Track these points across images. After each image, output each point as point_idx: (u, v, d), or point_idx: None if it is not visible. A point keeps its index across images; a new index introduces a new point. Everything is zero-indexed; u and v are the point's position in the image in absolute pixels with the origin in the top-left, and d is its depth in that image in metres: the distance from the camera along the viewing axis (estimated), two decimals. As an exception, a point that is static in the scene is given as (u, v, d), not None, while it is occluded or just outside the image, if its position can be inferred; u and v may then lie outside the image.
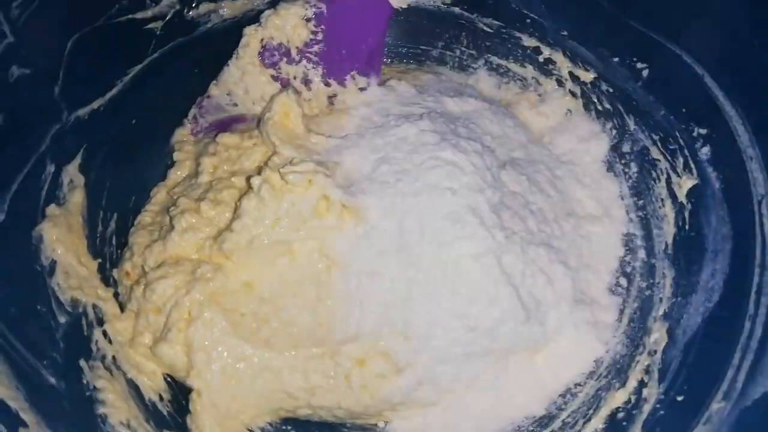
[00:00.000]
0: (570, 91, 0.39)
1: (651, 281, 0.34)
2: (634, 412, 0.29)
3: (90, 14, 0.33)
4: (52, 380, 0.27)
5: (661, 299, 0.33)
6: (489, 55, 0.41)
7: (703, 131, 0.34)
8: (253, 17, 0.39)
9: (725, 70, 0.32)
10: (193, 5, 0.37)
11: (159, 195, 0.36)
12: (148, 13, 0.36)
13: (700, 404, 0.27)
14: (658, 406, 0.29)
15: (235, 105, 0.37)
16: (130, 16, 0.35)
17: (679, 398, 0.28)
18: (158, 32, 0.36)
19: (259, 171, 0.33)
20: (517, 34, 0.40)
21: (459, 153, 0.32)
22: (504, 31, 0.40)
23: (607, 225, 0.36)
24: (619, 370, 0.32)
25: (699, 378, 0.28)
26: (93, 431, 0.27)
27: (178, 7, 0.37)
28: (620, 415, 0.30)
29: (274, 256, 0.32)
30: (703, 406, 0.27)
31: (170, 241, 0.32)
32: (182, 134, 0.38)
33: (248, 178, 0.32)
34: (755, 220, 0.30)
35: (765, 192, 0.30)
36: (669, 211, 0.35)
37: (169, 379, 0.32)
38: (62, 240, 0.31)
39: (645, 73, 0.36)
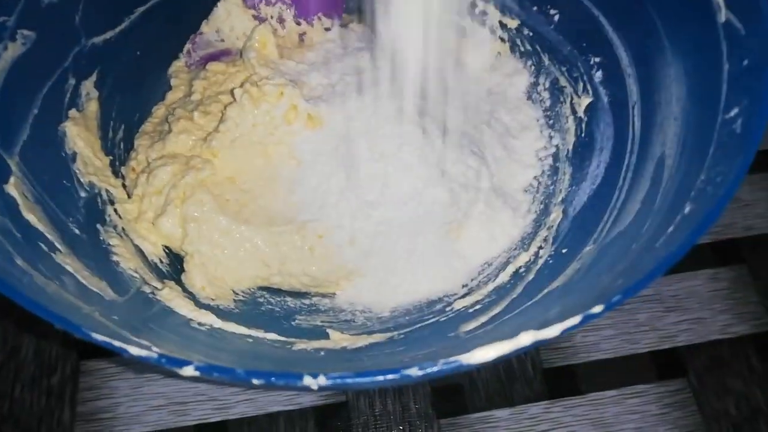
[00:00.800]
0: (500, 37, 0.48)
1: (554, 179, 0.42)
2: (531, 266, 0.37)
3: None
4: (77, 231, 0.34)
5: (561, 190, 0.41)
6: (434, 9, 0.50)
7: (597, 59, 0.42)
8: (237, -29, 0.47)
9: (613, 12, 0.41)
10: (189, -43, 0.45)
11: (159, 111, 0.43)
12: (152, -40, 0.44)
13: (577, 251, 0.35)
14: (548, 258, 0.37)
15: (222, 41, 0.45)
16: (137, -38, 0.43)
17: (564, 250, 0.36)
18: (160, -22, 0.44)
19: (242, 87, 0.41)
20: (456, -10, 0.48)
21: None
22: (445, -12, 0.49)
23: (524, 140, 0.44)
24: (524, 243, 0.40)
25: (579, 235, 0.36)
26: (108, 267, 0.34)
27: (179, -46, 0.45)
28: (521, 270, 0.38)
29: (252, 155, 0.40)
30: (579, 251, 0.35)
31: (168, 141, 0.40)
32: (178, 65, 0.45)
33: (232, 91, 0.40)
34: (629, 120, 0.38)
35: (636, 99, 0.38)
36: (571, 124, 0.43)
37: (166, 251, 0.39)
38: (81, 137, 0.38)
39: (556, 18, 0.44)
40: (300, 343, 0.34)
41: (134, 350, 0.21)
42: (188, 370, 0.21)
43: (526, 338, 0.21)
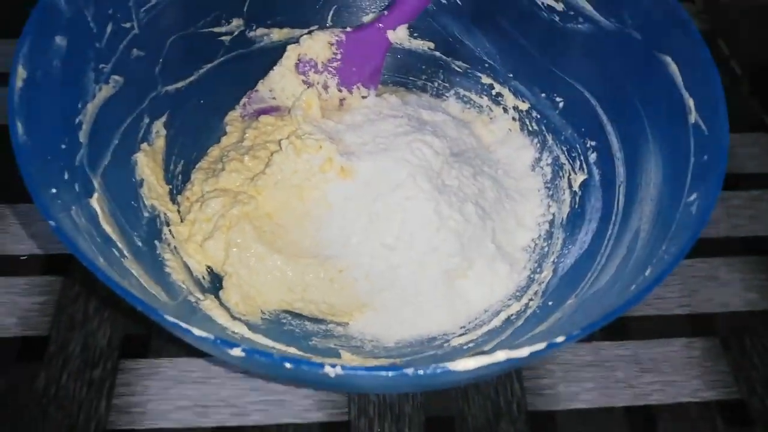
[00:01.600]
0: (512, 117, 0.55)
1: (549, 242, 0.48)
2: (521, 314, 0.43)
3: (185, 24, 0.48)
4: (140, 244, 0.41)
5: (553, 252, 0.47)
6: (458, 88, 0.56)
7: (593, 143, 0.48)
8: (293, 40, 0.55)
9: (608, 104, 0.48)
10: (253, 28, 0.53)
11: (214, 152, 0.50)
12: (222, 29, 0.51)
13: (561, 304, 0.40)
14: (536, 309, 0.42)
15: (274, 99, 0.52)
16: (210, 29, 0.51)
17: (549, 303, 0.42)
18: (227, 43, 0.51)
19: (287, 138, 0.48)
20: (478, 74, 0.55)
21: (423, 140, 0.47)
22: (469, 71, 0.56)
23: (526, 206, 0.50)
24: (517, 294, 0.45)
25: (564, 291, 0.42)
26: (162, 276, 0.40)
27: (242, 28, 0.52)
28: (513, 317, 0.43)
29: (290, 196, 0.47)
30: (563, 304, 0.40)
31: (221, 177, 0.47)
32: (234, 115, 0.52)
33: (279, 141, 0.47)
34: (615, 197, 0.44)
35: (622, 180, 0.44)
36: (567, 197, 0.49)
37: (209, 270, 0.45)
38: (149, 166, 0.45)
39: (561, 104, 0.51)
40: (316, 359, 0.39)
41: (197, 332, 0.27)
42: (236, 351, 0.27)
43: (501, 355, 0.26)
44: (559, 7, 0.48)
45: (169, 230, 0.45)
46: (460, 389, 0.45)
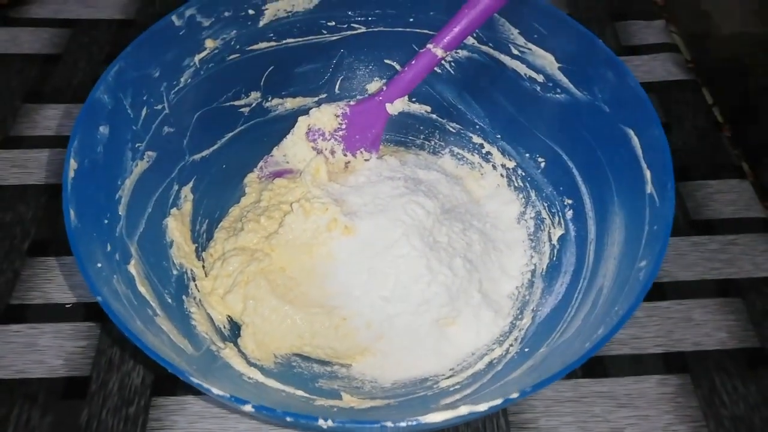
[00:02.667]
0: (500, 173, 0.61)
1: (531, 290, 0.53)
2: (502, 359, 0.48)
3: (209, 100, 0.55)
4: (169, 300, 0.47)
5: (533, 300, 0.52)
6: (452, 146, 0.62)
7: (570, 201, 0.54)
8: (305, 110, 0.62)
9: (583, 168, 0.53)
10: (269, 99, 0.60)
11: (234, 212, 0.57)
12: (242, 102, 0.58)
13: (535, 351, 0.46)
14: (515, 354, 0.48)
15: (287, 162, 0.59)
16: (231, 102, 0.58)
17: (526, 349, 0.47)
18: (246, 114, 0.59)
19: (298, 201, 0.54)
20: (470, 134, 0.61)
21: (416, 201, 0.53)
22: (463, 131, 0.62)
23: (510, 257, 0.56)
24: (500, 339, 0.51)
25: (539, 339, 0.47)
26: (189, 329, 0.47)
27: (259, 100, 0.59)
28: (495, 361, 0.49)
29: (300, 252, 0.53)
30: (536, 352, 0.46)
31: (240, 237, 0.53)
32: (252, 177, 0.59)
33: (291, 204, 0.54)
34: (586, 253, 0.50)
35: (593, 237, 0.50)
36: (547, 249, 0.55)
37: (229, 319, 0.52)
38: (178, 229, 0.52)
39: (543, 165, 0.57)
40: (320, 401, 0.45)
41: (216, 390, 0.33)
42: (247, 407, 0.33)
43: (464, 409, 0.32)
44: (540, 78, 0.54)
45: (195, 285, 0.51)
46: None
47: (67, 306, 0.56)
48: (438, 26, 0.58)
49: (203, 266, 0.53)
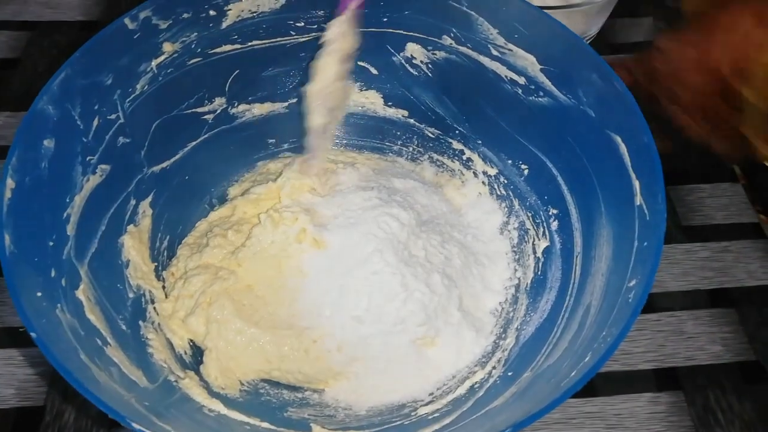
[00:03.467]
0: (481, 181, 0.57)
1: (515, 306, 0.50)
2: (484, 383, 0.45)
3: (169, 108, 0.52)
4: (124, 327, 0.44)
5: (517, 318, 0.49)
6: (431, 153, 0.59)
7: (555, 211, 0.51)
8: (273, 116, 0.58)
9: (569, 176, 0.50)
10: (235, 105, 0.57)
11: (202, 226, 0.53)
12: (205, 109, 0.54)
13: (519, 376, 0.43)
14: (497, 379, 0.45)
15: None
16: (193, 110, 0.54)
17: (509, 373, 0.44)
18: (210, 121, 0.55)
19: (266, 212, 0.51)
20: (450, 140, 0.58)
21: (390, 213, 0.50)
22: (442, 137, 0.58)
23: (492, 270, 0.53)
24: (482, 361, 0.48)
25: (523, 362, 0.44)
26: (144, 357, 0.43)
27: (225, 106, 0.55)
28: (476, 385, 0.46)
29: (268, 267, 0.50)
30: (520, 377, 0.43)
31: (204, 253, 0.50)
32: (234, 192, 0.56)
33: (259, 215, 0.50)
34: (572, 268, 0.47)
35: (579, 251, 0.47)
36: (531, 262, 0.51)
37: (191, 344, 0.48)
38: (135, 247, 0.48)
39: (526, 172, 0.54)
40: (287, 433, 0.42)
41: (159, 437, 0.30)
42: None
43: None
44: (521, 80, 0.51)
45: (154, 308, 0.48)
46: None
47: (20, 330, 0.52)
48: (413, 26, 0.54)
49: (163, 287, 0.50)
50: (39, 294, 0.37)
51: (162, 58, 0.50)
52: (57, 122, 0.43)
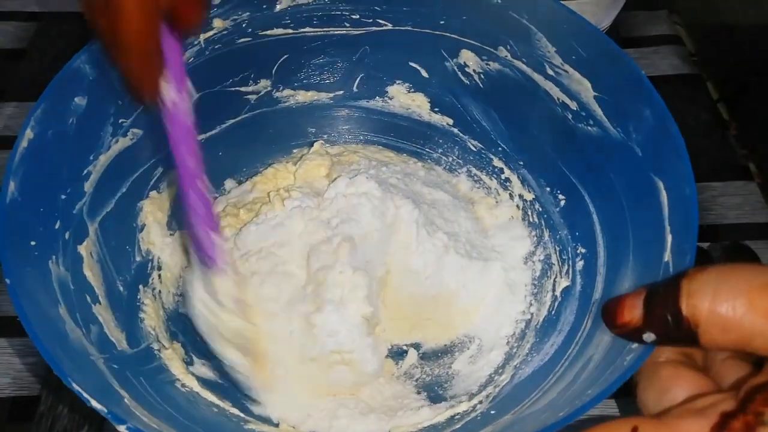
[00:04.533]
0: (516, 204, 0.54)
1: (519, 343, 0.47)
2: (465, 416, 0.42)
3: (212, 83, 0.52)
4: (121, 289, 0.45)
5: (519, 355, 0.46)
6: (470, 166, 0.56)
7: (583, 250, 0.47)
8: (317, 105, 0.58)
9: (603, 213, 0.46)
10: (280, 89, 0.57)
11: (220, 204, 0.54)
12: (249, 89, 0.55)
13: (500, 416, 0.40)
14: (478, 415, 0.42)
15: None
16: (237, 88, 0.54)
17: (492, 412, 0.41)
18: (252, 101, 0.55)
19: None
20: (491, 156, 0.55)
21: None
22: (484, 152, 0.56)
23: (510, 300, 0.50)
24: (471, 394, 0.45)
25: (509, 403, 0.41)
26: (133, 321, 0.44)
27: (269, 88, 0.55)
28: (457, 417, 0.43)
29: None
30: (500, 418, 0.39)
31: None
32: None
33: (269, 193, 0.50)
34: (587, 314, 0.43)
35: (598, 297, 0.43)
36: (548, 299, 0.48)
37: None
38: (153, 214, 0.50)
39: (562, 202, 0.50)
40: (252, 424, 0.41)
41: (95, 404, 0.30)
42: (121, 428, 0.29)
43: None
44: (573, 105, 0.48)
45: (159, 275, 0.48)
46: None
47: (17, 319, 0.52)
48: (470, 33, 0.52)
49: (173, 255, 0.51)
50: (32, 243, 0.38)
51: (211, 33, 0.50)
52: (92, 81, 0.44)
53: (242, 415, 0.42)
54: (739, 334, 0.27)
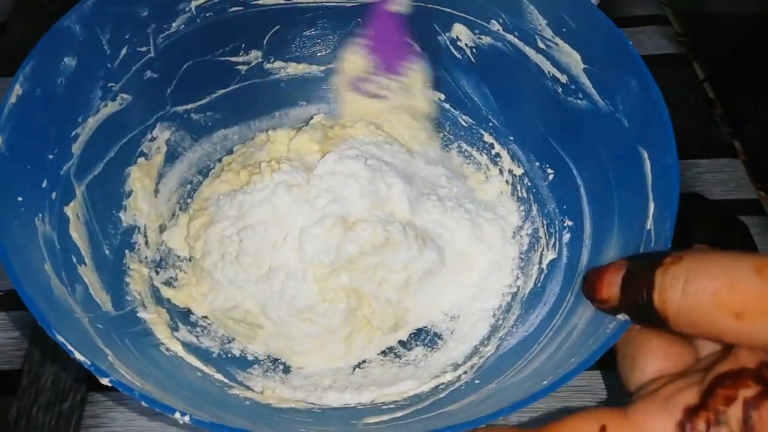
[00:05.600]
0: (506, 179, 0.54)
1: (505, 315, 0.47)
2: (449, 386, 0.42)
3: (203, 52, 0.52)
4: (107, 252, 0.45)
5: (505, 327, 0.46)
6: (461, 142, 0.56)
7: (570, 223, 0.47)
8: (309, 77, 0.58)
9: (590, 185, 0.46)
10: (271, 61, 0.56)
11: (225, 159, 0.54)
12: (240, 59, 0.55)
13: (484, 386, 0.40)
14: (463, 385, 0.42)
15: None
16: (227, 58, 0.54)
17: (476, 381, 0.41)
18: (243, 72, 0.54)
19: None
20: (482, 131, 0.55)
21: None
22: (474, 127, 0.56)
23: (497, 275, 0.50)
24: (457, 365, 0.45)
25: (493, 373, 0.41)
26: (118, 284, 0.44)
27: (260, 60, 0.55)
28: (441, 387, 0.43)
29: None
30: (485, 387, 0.39)
31: (213, 183, 0.52)
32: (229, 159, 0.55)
33: (260, 163, 0.50)
34: (572, 284, 0.43)
35: (583, 268, 0.43)
36: (534, 272, 0.48)
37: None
38: (140, 180, 0.49)
39: (551, 177, 0.50)
40: (236, 389, 0.41)
41: (78, 356, 0.30)
42: (104, 381, 0.29)
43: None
44: (563, 79, 0.48)
45: (145, 241, 0.48)
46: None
47: (0, 293, 0.52)
48: (463, 6, 0.52)
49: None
50: (19, 199, 0.37)
51: (202, 0, 0.50)
52: (82, 42, 0.43)
53: (226, 380, 0.42)
54: (707, 330, 0.27)
